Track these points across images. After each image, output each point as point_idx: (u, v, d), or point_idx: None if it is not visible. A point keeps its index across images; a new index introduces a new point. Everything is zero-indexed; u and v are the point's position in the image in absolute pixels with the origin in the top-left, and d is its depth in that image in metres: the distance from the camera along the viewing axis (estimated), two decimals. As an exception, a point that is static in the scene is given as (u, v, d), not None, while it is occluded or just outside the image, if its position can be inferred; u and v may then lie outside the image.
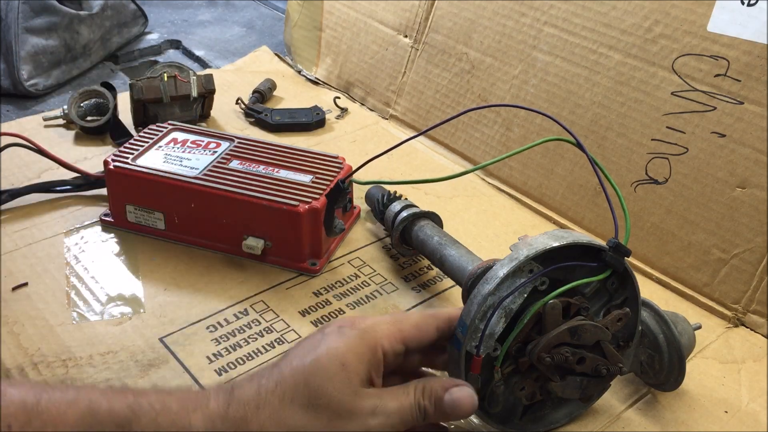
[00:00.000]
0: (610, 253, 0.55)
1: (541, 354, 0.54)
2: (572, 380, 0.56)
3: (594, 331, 0.55)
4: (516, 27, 0.95)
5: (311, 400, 0.46)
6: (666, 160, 0.80)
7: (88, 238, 0.83)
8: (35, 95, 1.30)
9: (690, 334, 0.64)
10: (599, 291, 0.57)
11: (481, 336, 0.53)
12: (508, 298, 0.53)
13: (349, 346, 0.48)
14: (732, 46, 0.75)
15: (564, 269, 0.55)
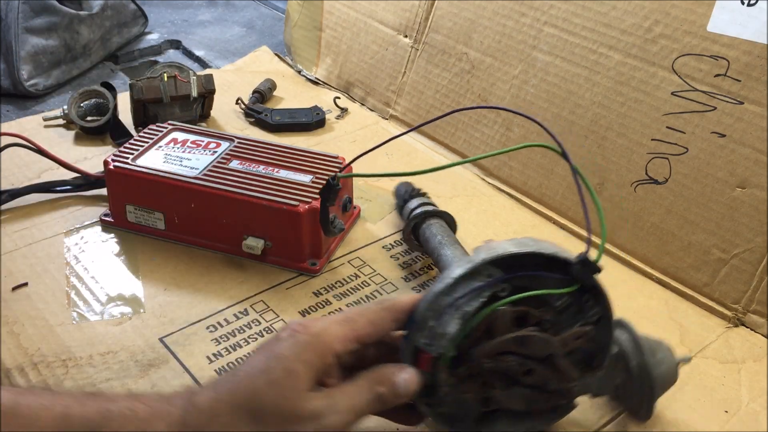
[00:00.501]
0: (577, 267, 0.52)
1: (482, 359, 0.53)
2: (518, 391, 0.55)
3: (544, 344, 0.53)
4: (516, 27, 0.95)
5: (259, 410, 0.47)
6: (666, 160, 0.80)
7: (88, 238, 0.83)
8: (35, 95, 1.30)
9: (670, 365, 0.59)
10: (571, 306, 0.55)
11: (433, 334, 0.52)
12: (463, 299, 0.52)
13: (297, 354, 0.49)
14: (732, 46, 0.75)
15: (532, 279, 0.53)
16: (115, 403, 0.48)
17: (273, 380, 0.48)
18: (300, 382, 0.48)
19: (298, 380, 0.48)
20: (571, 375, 0.55)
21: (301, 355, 0.49)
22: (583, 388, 0.57)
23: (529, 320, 0.54)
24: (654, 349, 0.58)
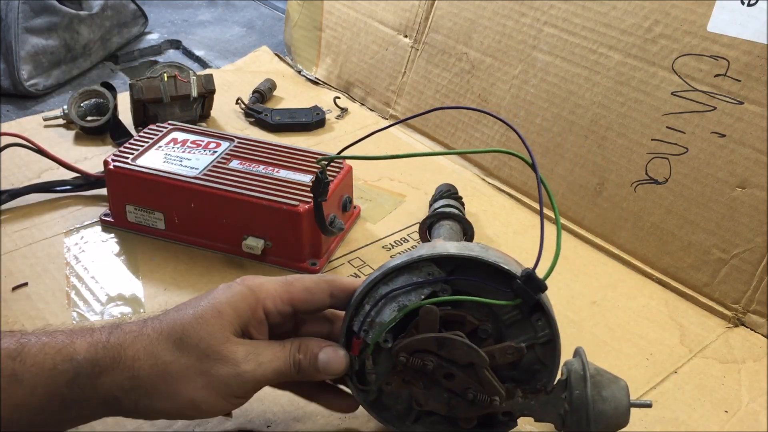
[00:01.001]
0: (519, 282, 0.51)
1: (400, 352, 0.53)
2: (438, 393, 0.55)
3: (466, 351, 0.53)
4: (516, 27, 0.95)
5: (183, 340, 0.50)
6: (666, 160, 0.80)
7: (88, 238, 0.83)
8: (35, 95, 1.30)
9: (620, 405, 0.54)
10: (520, 323, 0.54)
11: (366, 320, 0.53)
12: (401, 291, 0.53)
13: (229, 299, 0.52)
14: (732, 46, 0.75)
15: (478, 287, 0.53)
16: (33, 334, 0.50)
17: (201, 316, 0.51)
18: (226, 323, 0.51)
19: (224, 322, 0.51)
20: (494, 388, 0.53)
21: (232, 300, 0.52)
22: (525, 408, 0.55)
23: (465, 326, 0.54)
24: (603, 384, 0.55)
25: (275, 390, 0.63)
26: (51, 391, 0.48)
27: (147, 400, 0.49)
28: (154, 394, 0.49)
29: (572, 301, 0.76)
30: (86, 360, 0.49)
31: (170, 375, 0.49)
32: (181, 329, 0.50)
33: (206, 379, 0.50)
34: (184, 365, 0.50)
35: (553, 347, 0.55)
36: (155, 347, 0.50)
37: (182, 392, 0.49)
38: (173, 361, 0.50)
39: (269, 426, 0.61)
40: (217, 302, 0.52)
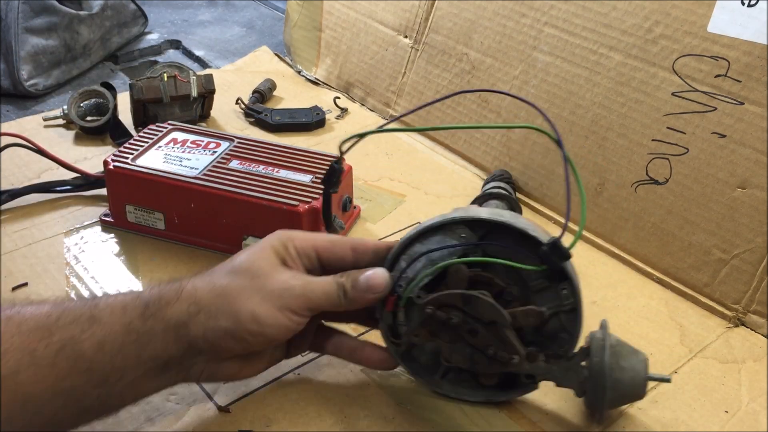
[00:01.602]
0: (545, 249, 0.55)
1: (428, 305, 0.57)
2: (462, 348, 0.59)
3: (489, 309, 0.56)
4: (516, 27, 0.95)
5: (234, 268, 0.56)
6: (666, 160, 0.80)
7: (88, 238, 0.83)
8: (35, 95, 1.30)
9: (637, 376, 0.57)
10: (548, 290, 0.57)
11: (403, 276, 0.58)
12: (436, 253, 0.57)
13: (264, 242, 0.58)
14: (732, 46, 0.75)
15: (509, 252, 0.56)
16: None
17: (247, 252, 0.57)
18: (269, 255, 0.57)
19: (267, 254, 0.57)
20: (514, 347, 0.57)
21: (266, 241, 0.58)
22: (547, 372, 0.59)
23: (492, 287, 0.57)
24: (623, 355, 0.57)
25: (275, 390, 0.63)
26: (126, 325, 0.51)
27: (213, 321, 0.53)
28: (217, 314, 0.53)
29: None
30: (151, 296, 0.53)
31: (228, 294, 0.54)
32: (230, 265, 0.56)
33: (261, 294, 0.54)
34: (239, 285, 0.54)
35: (576, 315, 0.57)
36: (211, 278, 0.56)
37: (242, 307, 0.53)
38: (229, 283, 0.55)
39: (269, 426, 0.61)
40: (256, 245, 0.58)
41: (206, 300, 0.54)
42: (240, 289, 0.54)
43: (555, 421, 0.62)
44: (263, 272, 0.55)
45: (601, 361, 0.56)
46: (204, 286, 0.55)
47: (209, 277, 0.56)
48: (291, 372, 0.66)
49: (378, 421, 0.61)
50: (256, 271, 0.55)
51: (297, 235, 0.59)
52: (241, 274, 0.55)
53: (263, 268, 0.56)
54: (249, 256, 0.57)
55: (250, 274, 0.55)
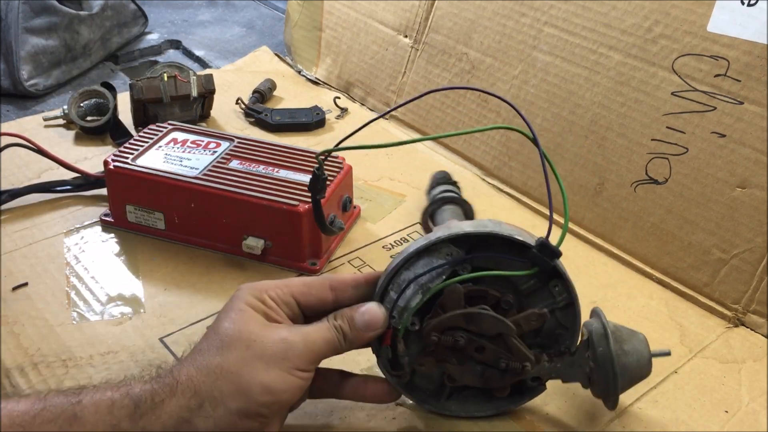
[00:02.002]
0: (535, 251, 0.54)
1: (431, 332, 0.56)
2: (471, 367, 0.58)
3: (493, 322, 0.55)
4: (516, 27, 0.95)
5: (223, 342, 0.51)
6: (666, 160, 0.80)
7: (88, 238, 0.83)
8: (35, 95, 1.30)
9: (642, 356, 0.58)
10: (539, 291, 0.57)
11: (395, 307, 0.55)
12: (424, 276, 0.55)
13: (236, 302, 0.53)
14: (732, 46, 0.75)
15: (495, 261, 0.55)
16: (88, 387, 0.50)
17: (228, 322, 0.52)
18: (253, 316, 0.52)
19: (250, 315, 0.52)
20: (524, 355, 0.56)
21: (239, 300, 0.53)
22: (552, 371, 0.58)
23: (488, 300, 0.56)
24: (624, 339, 0.58)
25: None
26: (113, 427, 0.47)
27: (221, 408, 0.49)
28: (223, 398, 0.49)
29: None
30: (143, 392, 0.49)
31: (230, 373, 0.49)
32: (217, 339, 0.51)
33: (264, 361, 0.50)
34: (237, 358, 0.50)
35: (572, 310, 0.57)
36: (203, 361, 0.50)
37: (249, 382, 0.49)
38: (224, 360, 0.50)
39: (269, 426, 0.60)
40: (230, 308, 0.53)
41: (206, 387, 0.49)
42: (240, 363, 0.50)
43: (555, 421, 0.62)
44: (255, 336, 0.51)
45: (606, 350, 0.57)
46: (199, 373, 0.49)
47: (199, 359, 0.50)
48: (291, 372, 0.66)
49: (378, 421, 0.61)
50: (248, 337, 0.51)
51: (268, 285, 0.55)
52: (234, 346, 0.50)
53: (254, 332, 0.51)
54: (233, 324, 0.52)
55: (243, 344, 0.50)
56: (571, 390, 0.64)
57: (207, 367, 0.50)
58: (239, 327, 0.51)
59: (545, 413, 0.63)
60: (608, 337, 0.57)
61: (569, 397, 0.64)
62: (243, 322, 0.52)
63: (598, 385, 0.58)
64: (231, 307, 0.53)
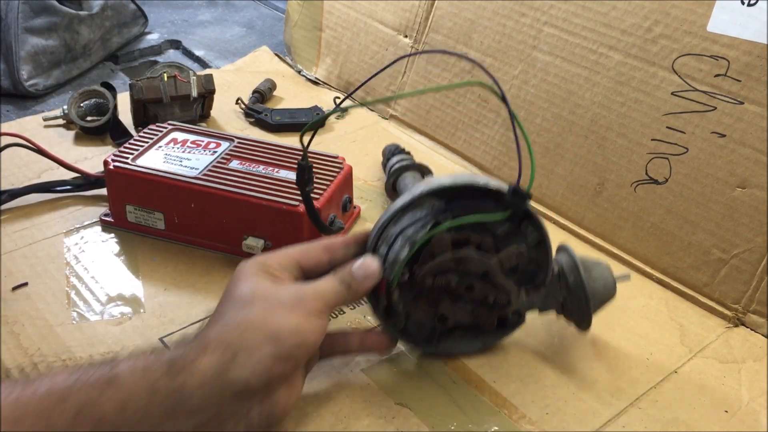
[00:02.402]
0: (509, 196, 0.59)
1: (425, 276, 0.61)
2: (462, 306, 0.63)
3: (479, 262, 0.61)
4: (516, 27, 0.95)
5: (243, 300, 0.54)
6: (666, 160, 0.80)
7: (88, 238, 0.83)
8: (35, 95, 1.30)
9: (607, 281, 0.65)
10: (513, 233, 0.62)
11: (385, 260, 0.60)
12: (410, 229, 0.60)
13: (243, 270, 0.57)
14: (732, 46, 0.75)
15: (471, 209, 0.60)
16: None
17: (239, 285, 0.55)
18: (262, 277, 0.56)
19: (261, 276, 0.56)
20: (508, 289, 0.62)
21: (246, 268, 0.57)
22: (529, 304, 0.65)
23: (470, 244, 0.61)
24: (591, 268, 0.65)
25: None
26: (151, 385, 0.49)
27: (256, 354, 0.51)
28: (256, 346, 0.51)
29: (572, 301, 0.76)
30: (175, 354, 0.51)
31: (257, 322, 0.52)
32: (234, 301, 0.54)
33: (286, 307, 0.54)
34: (260, 310, 0.53)
35: (544, 247, 0.63)
36: (225, 319, 0.53)
37: (277, 327, 0.52)
38: (248, 314, 0.53)
39: (269, 426, 0.60)
40: (238, 278, 0.56)
41: (237, 340, 0.51)
42: (264, 313, 0.53)
43: (555, 421, 0.62)
44: (271, 291, 0.55)
45: (577, 279, 0.64)
46: (226, 329, 0.52)
47: (223, 320, 0.53)
48: (291, 372, 0.66)
49: (378, 421, 0.61)
50: (264, 293, 0.54)
51: (268, 256, 0.59)
52: (254, 302, 0.54)
53: (268, 289, 0.55)
54: (246, 286, 0.55)
55: (262, 298, 0.54)
56: (573, 387, 0.64)
57: (234, 323, 0.52)
58: (253, 288, 0.55)
59: (545, 412, 0.63)
60: (578, 267, 0.64)
61: (570, 397, 0.64)
62: (255, 283, 0.55)
63: (571, 310, 0.66)
64: (239, 277, 0.56)
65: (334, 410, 0.62)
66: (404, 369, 0.67)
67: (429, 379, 0.66)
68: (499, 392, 0.65)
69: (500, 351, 0.69)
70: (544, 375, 0.67)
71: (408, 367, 0.67)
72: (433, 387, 0.65)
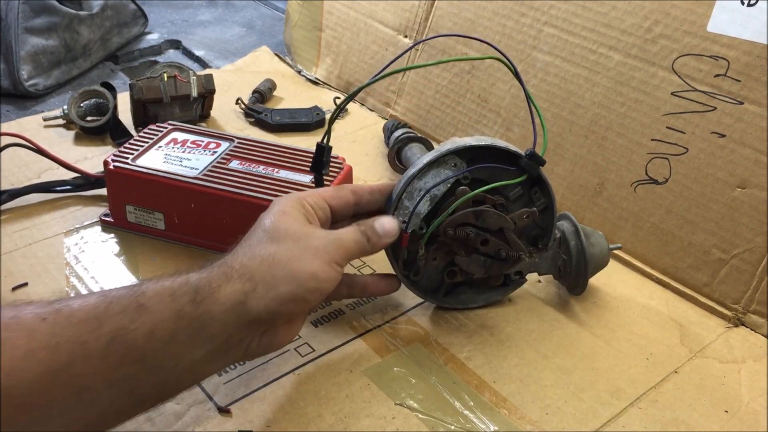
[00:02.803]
0: (526, 159, 0.65)
1: (446, 228, 0.66)
2: (476, 258, 0.68)
3: (497, 218, 0.67)
4: (516, 27, 0.95)
5: (273, 235, 0.58)
6: (666, 160, 0.80)
7: (88, 238, 0.83)
8: (35, 95, 1.30)
9: (603, 248, 0.72)
10: (523, 197, 0.69)
11: (408, 213, 0.66)
12: (432, 185, 0.66)
13: (281, 204, 0.61)
14: (732, 46, 0.75)
15: (490, 172, 0.66)
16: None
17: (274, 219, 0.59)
18: (296, 216, 0.60)
19: (294, 215, 0.60)
20: (519, 245, 0.68)
21: (284, 203, 0.61)
22: (532, 266, 0.72)
23: (486, 203, 0.67)
24: (589, 234, 0.72)
25: (275, 390, 0.64)
26: (177, 312, 0.51)
27: (273, 291, 0.54)
28: (276, 282, 0.54)
29: (572, 301, 0.76)
30: (200, 280, 0.54)
31: (281, 261, 0.56)
32: (266, 233, 0.58)
33: (311, 252, 0.57)
34: (288, 249, 0.56)
35: (550, 212, 0.69)
36: (255, 251, 0.56)
37: (299, 269, 0.56)
38: (276, 250, 0.56)
39: (269, 426, 0.61)
40: (272, 211, 0.60)
41: (260, 273, 0.55)
42: (290, 253, 0.56)
43: (555, 421, 0.62)
44: (302, 233, 0.58)
45: (577, 243, 0.71)
46: (252, 261, 0.55)
47: (251, 250, 0.57)
48: (291, 372, 0.66)
49: (378, 421, 0.61)
50: (295, 233, 0.58)
51: (307, 193, 0.63)
52: (283, 239, 0.57)
53: (300, 230, 0.58)
54: (279, 221, 0.59)
55: (291, 238, 0.57)
56: (573, 387, 0.64)
57: (260, 256, 0.56)
58: (285, 225, 0.58)
59: (545, 412, 0.63)
60: (579, 232, 0.71)
61: (569, 397, 0.64)
62: (288, 221, 0.59)
63: (568, 274, 0.72)
64: (273, 210, 0.60)
65: (334, 410, 0.62)
66: (404, 369, 0.67)
67: (428, 379, 0.66)
68: (499, 392, 0.65)
69: (500, 351, 0.69)
70: (544, 375, 0.67)
71: (407, 368, 0.67)
72: (432, 387, 0.65)
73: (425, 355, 0.68)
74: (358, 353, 0.68)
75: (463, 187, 0.66)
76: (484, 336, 0.71)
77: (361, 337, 0.70)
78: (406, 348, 0.69)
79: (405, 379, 0.66)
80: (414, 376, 0.66)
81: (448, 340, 0.70)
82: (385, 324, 0.72)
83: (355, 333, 0.71)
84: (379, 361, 0.67)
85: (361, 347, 0.69)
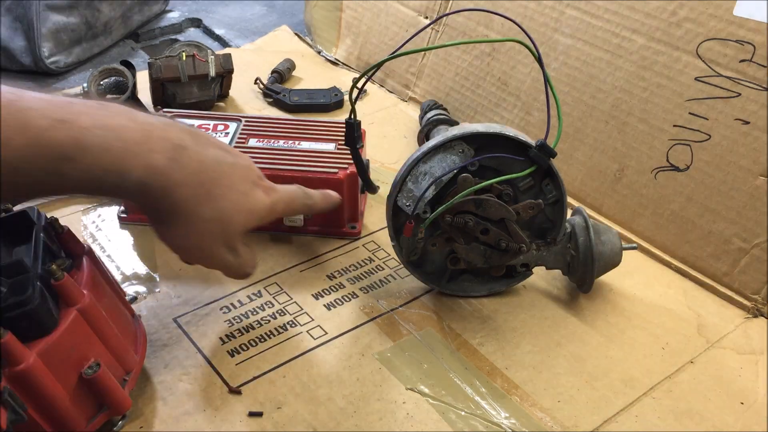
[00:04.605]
0: (535, 150, 0.64)
1: (445, 215, 0.65)
2: (476, 247, 0.67)
3: (498, 208, 0.65)
4: (537, 9, 0.94)
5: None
6: (688, 146, 0.79)
7: (105, 216, 0.83)
8: (56, 73, 1.30)
9: (614, 247, 0.70)
10: (533, 188, 0.67)
11: (411, 196, 0.65)
12: (438, 170, 0.64)
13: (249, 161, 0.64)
14: (758, 30, 0.74)
15: (499, 160, 0.65)
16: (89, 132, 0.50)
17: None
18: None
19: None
20: (521, 237, 0.66)
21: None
22: (539, 259, 0.70)
23: (492, 192, 0.65)
24: (601, 232, 0.70)
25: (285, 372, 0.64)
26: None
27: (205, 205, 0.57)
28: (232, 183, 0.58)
29: (588, 289, 0.76)
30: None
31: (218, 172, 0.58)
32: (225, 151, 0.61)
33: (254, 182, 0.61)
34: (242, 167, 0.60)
35: (560, 206, 0.67)
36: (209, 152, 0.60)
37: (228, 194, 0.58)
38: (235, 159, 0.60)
39: (279, 408, 0.61)
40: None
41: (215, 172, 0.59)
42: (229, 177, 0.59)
43: (567, 409, 0.62)
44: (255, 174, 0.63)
45: (586, 240, 0.69)
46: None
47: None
48: (302, 355, 0.66)
49: (389, 405, 0.61)
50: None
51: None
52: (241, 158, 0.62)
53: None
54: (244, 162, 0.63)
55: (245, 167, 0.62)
56: (586, 375, 0.64)
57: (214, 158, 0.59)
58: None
59: (557, 400, 0.62)
60: (589, 228, 0.69)
61: (582, 384, 0.64)
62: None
63: (576, 271, 0.70)
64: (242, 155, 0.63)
65: (344, 393, 0.62)
66: (415, 354, 0.66)
67: (440, 364, 0.65)
68: (511, 379, 0.64)
69: (513, 338, 0.69)
70: (557, 362, 0.66)
71: (419, 353, 0.67)
72: (444, 372, 0.64)
73: (437, 340, 0.68)
74: (370, 337, 0.68)
75: (465, 174, 0.64)
76: (498, 322, 0.71)
77: (373, 321, 0.70)
78: (418, 333, 0.69)
79: (417, 363, 0.65)
80: (426, 361, 0.66)
81: (461, 325, 0.70)
82: (398, 308, 0.72)
83: (368, 317, 0.70)
84: (391, 345, 0.67)
85: (373, 331, 0.69)
